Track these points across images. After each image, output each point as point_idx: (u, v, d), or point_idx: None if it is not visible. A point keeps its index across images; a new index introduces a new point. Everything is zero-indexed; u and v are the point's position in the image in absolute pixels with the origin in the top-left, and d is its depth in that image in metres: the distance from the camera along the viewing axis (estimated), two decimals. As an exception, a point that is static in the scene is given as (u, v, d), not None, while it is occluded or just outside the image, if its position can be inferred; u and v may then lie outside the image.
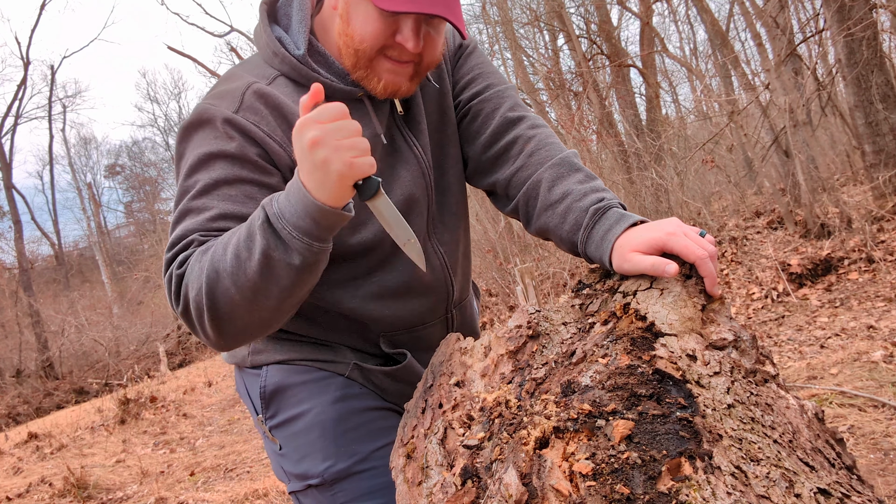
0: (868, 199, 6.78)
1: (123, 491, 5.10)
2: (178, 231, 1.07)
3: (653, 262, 1.00)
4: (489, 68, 1.36)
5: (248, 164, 1.09)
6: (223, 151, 1.09)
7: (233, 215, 1.06)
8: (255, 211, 0.98)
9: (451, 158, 1.33)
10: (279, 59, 1.17)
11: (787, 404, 0.90)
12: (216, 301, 0.98)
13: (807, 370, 3.78)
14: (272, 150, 1.11)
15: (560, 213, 1.17)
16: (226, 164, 1.09)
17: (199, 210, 1.07)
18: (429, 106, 1.29)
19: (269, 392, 1.27)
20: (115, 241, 34.73)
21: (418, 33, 1.08)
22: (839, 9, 6.27)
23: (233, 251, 0.96)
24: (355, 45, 1.10)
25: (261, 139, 1.10)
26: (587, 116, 11.50)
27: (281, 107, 1.13)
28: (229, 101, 1.12)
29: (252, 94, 1.13)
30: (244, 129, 1.10)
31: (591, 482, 0.71)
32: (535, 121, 1.30)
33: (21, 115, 23.96)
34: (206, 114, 1.11)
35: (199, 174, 1.09)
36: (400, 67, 1.12)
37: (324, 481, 1.22)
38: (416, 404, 1.05)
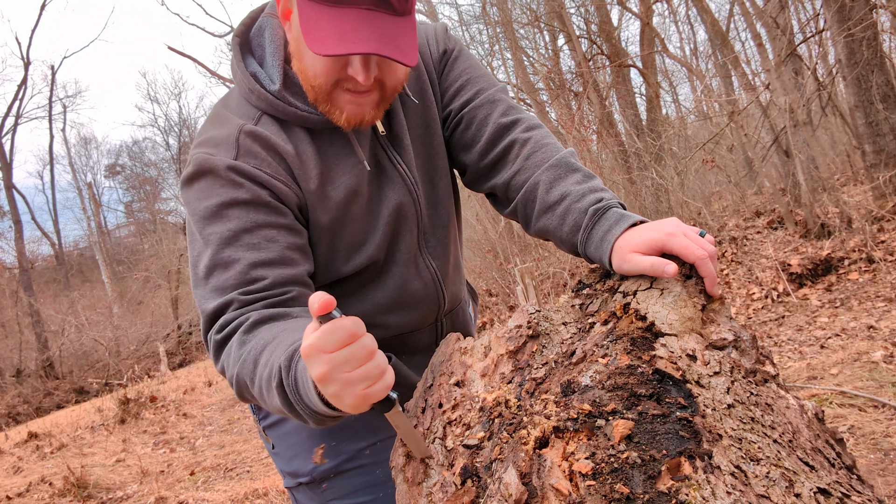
0: (868, 199, 6.78)
1: (123, 490, 5.10)
2: (211, 287, 1.07)
3: (652, 263, 1.00)
4: (477, 72, 1.34)
5: (262, 207, 1.09)
6: (235, 199, 1.08)
7: (261, 263, 1.06)
8: (280, 354, 0.92)
9: (440, 171, 1.33)
10: (256, 97, 1.15)
11: (787, 404, 0.90)
12: (244, 397, 1.04)
13: (807, 370, 3.78)
14: (280, 191, 1.11)
15: (559, 214, 1.17)
16: (240, 211, 1.08)
17: (226, 264, 1.06)
18: (412, 121, 1.28)
19: None
20: (116, 241, 34.73)
21: (368, 66, 1.05)
22: (839, 9, 6.27)
23: (258, 381, 0.96)
24: (311, 81, 1.09)
25: (267, 182, 1.10)
26: (587, 116, 11.50)
27: (275, 147, 1.13)
28: (226, 148, 1.11)
29: (246, 137, 1.12)
30: (249, 175, 1.09)
31: (590, 481, 0.71)
32: (529, 122, 1.29)
33: (21, 115, 23.98)
34: (206, 164, 1.10)
35: (216, 226, 1.08)
36: (360, 98, 1.09)
37: (313, 479, 1.26)
38: (416, 404, 1.05)
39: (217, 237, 1.08)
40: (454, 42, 1.35)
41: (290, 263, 1.09)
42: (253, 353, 0.98)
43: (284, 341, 0.95)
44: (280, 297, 1.06)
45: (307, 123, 1.16)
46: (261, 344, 0.98)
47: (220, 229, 1.08)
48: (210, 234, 1.09)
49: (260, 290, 1.05)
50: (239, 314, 1.03)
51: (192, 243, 1.14)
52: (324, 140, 1.18)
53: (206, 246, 1.09)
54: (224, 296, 1.05)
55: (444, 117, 1.33)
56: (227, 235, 1.07)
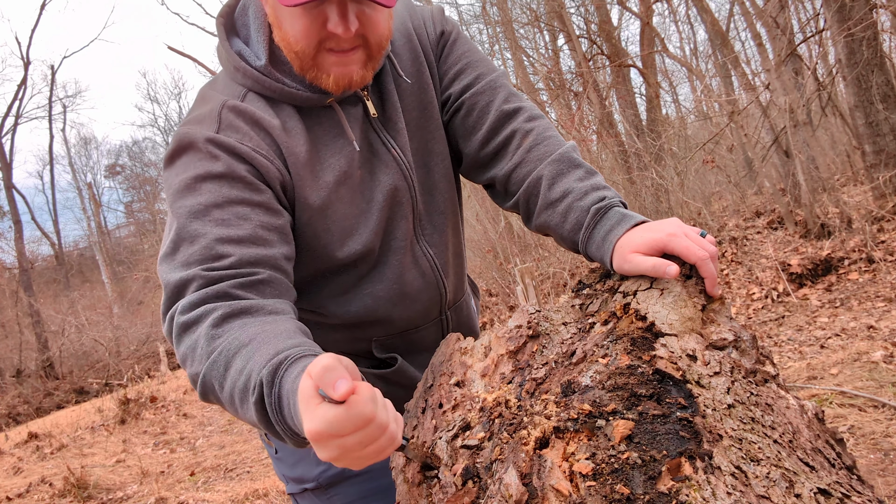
0: (868, 200, 6.78)
1: (123, 491, 5.10)
2: (176, 263, 1.02)
3: (653, 264, 1.00)
4: (476, 56, 1.31)
5: (237, 182, 1.05)
6: (209, 172, 1.05)
7: (227, 239, 1.01)
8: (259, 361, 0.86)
9: (436, 156, 1.29)
10: (241, 74, 1.13)
11: (787, 404, 0.90)
12: (207, 395, 0.96)
13: (807, 370, 3.78)
14: (260, 165, 1.07)
15: (561, 211, 1.16)
16: (213, 185, 1.04)
17: (192, 238, 1.02)
18: (406, 103, 1.24)
19: None
20: (116, 241, 34.74)
21: (346, 16, 1.02)
22: (839, 9, 6.27)
23: (229, 388, 0.89)
24: (293, 47, 1.06)
25: (247, 155, 1.07)
26: (587, 116, 11.50)
27: (259, 121, 1.10)
28: (208, 122, 1.09)
29: (228, 111, 1.09)
30: (228, 147, 1.06)
31: (591, 482, 0.71)
32: (531, 112, 1.27)
33: (21, 115, 23.97)
34: (186, 138, 1.07)
35: (187, 199, 1.04)
36: (345, 57, 1.06)
37: (319, 485, 1.24)
38: (416, 404, 1.05)
39: (186, 210, 1.03)
40: (451, 24, 1.32)
41: (261, 243, 1.04)
42: (224, 354, 0.91)
43: (262, 347, 0.89)
44: (247, 279, 0.99)
45: (295, 100, 1.13)
46: (234, 345, 0.91)
47: (191, 202, 1.04)
48: (180, 207, 1.04)
49: (224, 267, 0.99)
50: (206, 294, 0.97)
51: (167, 219, 1.10)
52: (313, 119, 1.15)
53: (175, 219, 1.04)
54: (187, 270, 0.99)
55: (444, 101, 1.30)
56: (196, 209, 1.03)
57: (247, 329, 0.93)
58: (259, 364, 0.85)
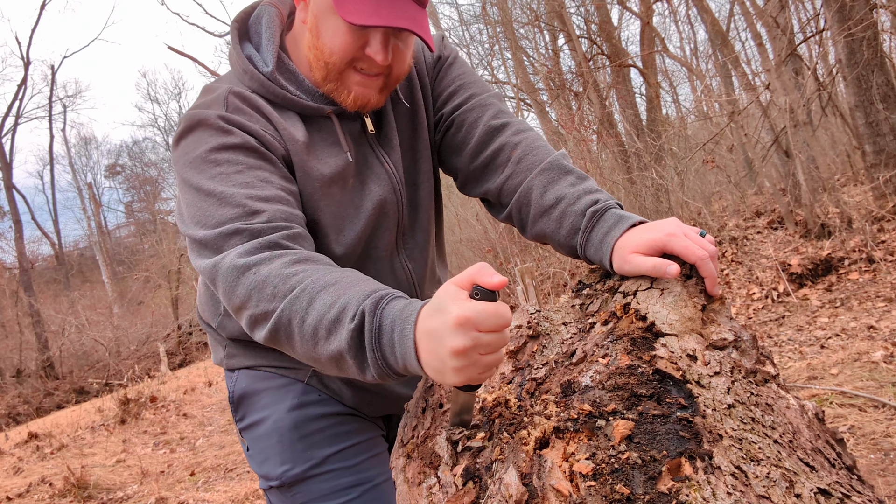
0: (868, 199, 6.78)
1: (124, 491, 5.10)
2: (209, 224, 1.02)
3: (654, 264, 1.00)
4: (471, 78, 1.36)
5: (252, 152, 1.09)
6: (225, 143, 1.08)
7: (258, 197, 1.03)
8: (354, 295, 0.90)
9: (423, 175, 1.34)
10: (248, 77, 1.17)
11: (787, 404, 0.90)
12: (277, 336, 0.96)
13: (807, 370, 3.78)
14: (268, 142, 1.11)
15: (556, 218, 1.17)
16: (231, 154, 1.07)
17: (220, 200, 1.03)
18: (401, 124, 1.30)
19: (237, 397, 1.34)
20: (116, 241, 34.75)
21: (387, 46, 1.09)
22: (839, 9, 6.27)
23: (314, 320, 0.91)
24: (325, 57, 1.11)
25: (255, 132, 1.11)
26: (587, 116, 11.50)
27: (261, 108, 1.14)
28: (216, 105, 1.13)
29: (234, 97, 1.14)
30: (239, 124, 1.10)
31: (591, 482, 0.71)
32: (519, 126, 1.30)
33: (21, 115, 23.99)
34: (196, 116, 1.10)
35: (206, 170, 1.06)
36: (369, 80, 1.13)
37: (282, 483, 1.28)
38: (417, 404, 1.05)
39: (207, 180, 1.05)
40: (449, 49, 1.38)
41: (286, 203, 1.06)
42: (308, 290, 0.92)
43: (355, 285, 0.92)
44: (289, 231, 1.01)
45: (296, 108, 1.18)
46: (318, 283, 0.92)
47: (211, 172, 1.05)
48: (200, 178, 1.05)
49: (263, 221, 1.01)
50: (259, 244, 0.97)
51: (182, 198, 1.10)
52: (314, 127, 1.20)
53: (196, 191, 1.05)
54: (226, 225, 1.00)
55: (437, 121, 1.35)
56: (218, 176, 1.05)
57: (325, 271, 0.95)
58: (358, 297, 0.89)
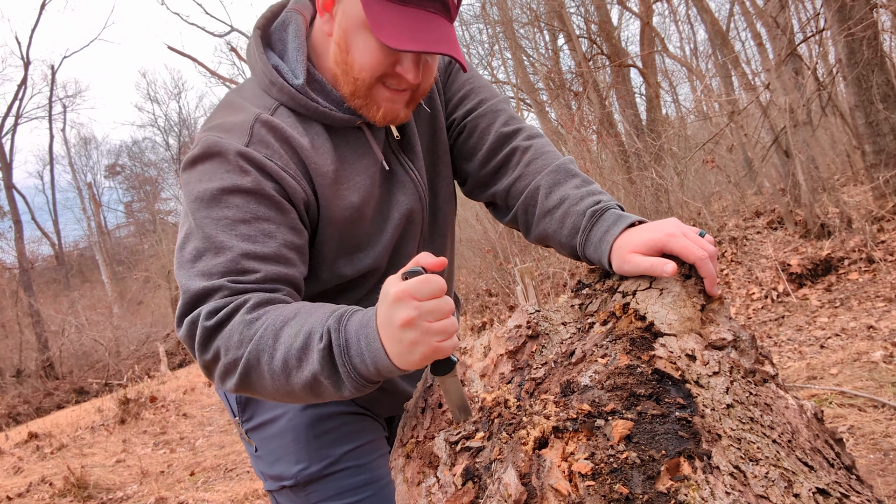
0: (868, 199, 6.78)
1: (123, 491, 5.10)
2: (198, 271, 1.01)
3: (651, 263, 1.00)
4: (480, 83, 1.37)
5: (264, 199, 1.05)
6: (238, 187, 1.04)
7: (254, 255, 1.02)
8: (317, 320, 0.93)
9: (443, 180, 1.34)
10: (277, 89, 1.14)
11: (786, 404, 0.90)
12: (249, 381, 0.97)
13: (806, 370, 3.78)
14: (288, 185, 1.08)
15: (558, 218, 1.19)
16: (241, 199, 1.04)
17: (217, 249, 1.01)
18: (421, 129, 1.29)
19: (244, 397, 1.31)
20: (116, 241, 34.75)
21: (418, 65, 1.08)
22: (839, 8, 6.27)
23: (282, 353, 0.92)
24: (354, 73, 1.09)
25: (276, 173, 1.07)
26: (587, 116, 11.50)
27: (290, 139, 1.10)
28: (238, 133, 1.08)
29: (261, 126, 1.09)
30: (258, 163, 1.06)
31: (590, 482, 0.71)
32: (530, 132, 1.32)
33: (21, 115, 23.98)
34: (216, 146, 1.06)
35: (213, 210, 1.04)
36: (397, 96, 1.12)
37: (297, 483, 1.26)
38: (416, 404, 1.05)
39: (212, 222, 1.03)
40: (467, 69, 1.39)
41: (284, 262, 1.05)
42: (271, 328, 0.93)
43: (316, 311, 0.94)
44: (270, 295, 1.01)
45: (327, 120, 1.15)
46: (280, 320, 0.94)
47: (217, 215, 1.03)
48: (204, 217, 1.04)
49: (251, 282, 1.01)
50: (232, 300, 0.98)
51: (182, 225, 1.08)
52: (340, 137, 1.18)
53: (198, 229, 1.04)
54: (212, 280, 0.99)
55: (448, 125, 1.35)
56: (223, 222, 1.03)
57: (285, 308, 0.97)
58: (320, 319, 0.93)
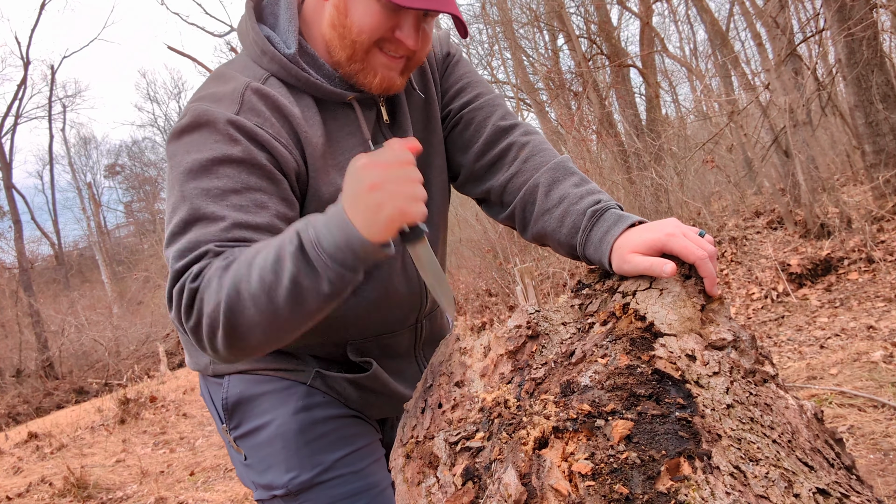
0: (868, 199, 6.78)
1: (123, 490, 5.10)
2: (187, 240, 0.99)
3: (651, 263, 1.00)
4: (476, 77, 1.37)
5: (255, 169, 1.03)
6: (228, 156, 1.02)
7: (246, 225, 1.00)
8: (285, 233, 0.93)
9: (435, 169, 1.32)
10: (268, 58, 1.12)
11: (786, 404, 0.90)
12: (234, 320, 0.93)
13: (806, 370, 3.78)
14: (279, 154, 1.06)
15: (557, 216, 1.18)
16: (232, 170, 1.02)
17: (208, 219, 0.99)
18: (414, 115, 1.28)
19: (231, 403, 1.26)
20: (115, 241, 34.75)
21: (418, 30, 1.08)
22: (839, 9, 6.28)
23: (258, 273, 0.91)
24: (353, 36, 1.07)
25: (267, 142, 1.05)
26: (587, 116, 11.50)
27: (281, 108, 1.09)
28: (228, 102, 1.06)
29: (252, 94, 1.07)
30: (249, 132, 1.04)
31: (590, 482, 0.71)
32: (527, 128, 1.31)
33: (21, 115, 23.98)
34: (204, 115, 1.04)
35: (202, 180, 1.01)
36: (393, 62, 1.10)
37: (288, 492, 1.22)
38: (416, 404, 1.05)
39: (201, 192, 1.00)
40: (455, 48, 1.38)
41: (276, 233, 1.01)
42: (244, 261, 0.92)
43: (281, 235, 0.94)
44: None
45: (317, 92, 1.13)
46: (251, 252, 0.93)
47: (207, 185, 1.01)
48: (194, 188, 1.01)
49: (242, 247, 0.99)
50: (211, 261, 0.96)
51: (169, 198, 1.05)
52: (329, 113, 1.16)
53: (187, 200, 1.01)
54: (202, 247, 0.97)
55: (444, 116, 1.34)
56: (213, 192, 1.00)
57: (256, 244, 0.97)
58: (289, 231, 0.94)
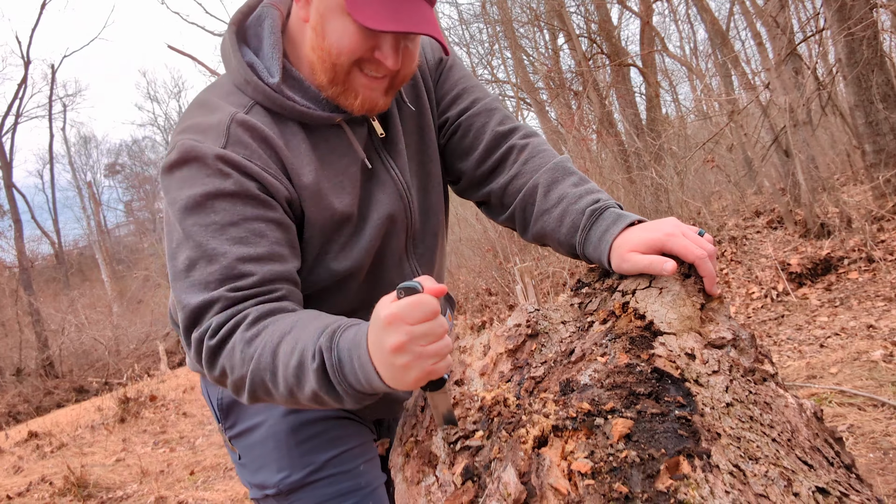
0: (868, 199, 6.78)
1: (123, 490, 5.10)
2: (193, 283, 1.01)
3: (650, 261, 1.00)
4: (472, 82, 1.36)
5: (249, 200, 1.04)
6: (221, 191, 1.02)
7: (249, 258, 1.01)
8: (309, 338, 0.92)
9: (434, 178, 1.32)
10: (252, 88, 1.11)
11: (785, 403, 0.90)
12: (258, 395, 0.98)
13: (806, 369, 3.78)
14: (269, 184, 1.06)
15: (557, 216, 1.18)
16: (226, 203, 1.03)
17: (210, 258, 1.00)
18: (407, 127, 1.27)
19: (226, 403, 1.29)
20: (115, 240, 34.74)
21: (398, 50, 1.05)
22: (839, 8, 6.27)
23: (282, 372, 0.93)
24: (332, 59, 1.06)
25: (256, 174, 1.05)
26: (587, 116, 11.50)
27: (267, 139, 1.08)
28: (215, 135, 1.05)
29: (237, 126, 1.07)
30: (238, 165, 1.04)
31: (589, 481, 0.71)
32: (526, 130, 1.31)
33: (21, 114, 23.95)
34: (193, 151, 1.04)
35: (200, 216, 1.02)
36: (375, 83, 1.09)
37: (280, 491, 1.23)
38: (416, 403, 1.05)
39: (200, 229, 1.01)
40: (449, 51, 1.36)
41: (278, 259, 1.04)
42: (269, 346, 0.94)
43: (308, 326, 0.94)
44: (270, 296, 1.01)
45: (304, 118, 1.13)
46: (276, 336, 0.94)
47: (205, 221, 1.02)
48: (192, 225, 1.02)
49: (248, 286, 1.00)
50: (233, 314, 0.98)
51: (169, 234, 1.07)
52: (319, 137, 1.15)
53: (188, 238, 1.02)
54: (209, 292, 0.99)
55: (441, 124, 1.34)
56: (211, 227, 1.01)
57: (283, 322, 0.97)
58: (312, 337, 0.92)
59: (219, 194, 1.02)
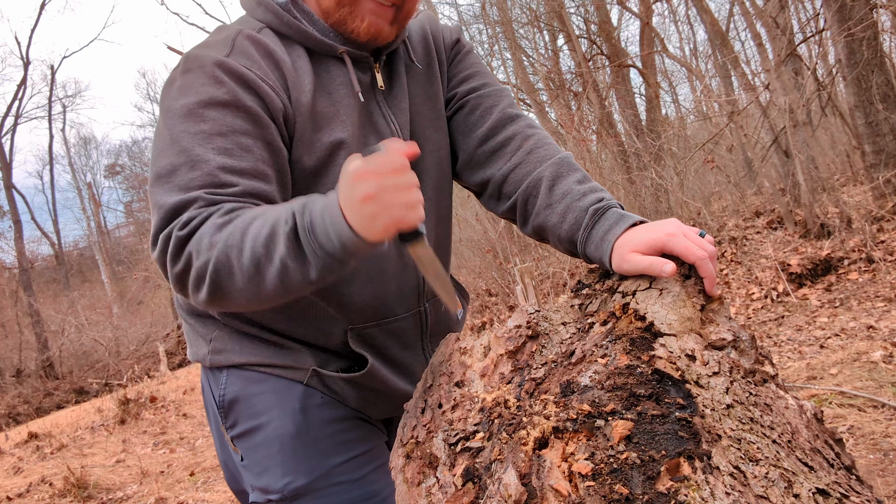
0: (868, 200, 6.78)
1: (123, 491, 5.10)
2: (174, 184, 0.99)
3: (651, 262, 1.00)
4: (486, 69, 1.38)
5: (241, 112, 1.04)
6: (213, 99, 1.03)
7: (231, 168, 1.00)
8: (283, 208, 0.93)
9: (431, 143, 1.29)
10: (263, 8, 1.15)
11: (786, 404, 0.90)
12: (221, 281, 0.94)
13: (806, 370, 3.78)
14: (265, 95, 1.06)
15: (559, 212, 1.17)
16: (217, 113, 1.02)
17: (193, 163, 0.99)
18: (413, 88, 1.27)
19: (227, 401, 1.23)
20: (115, 241, 34.75)
21: None
22: (839, 9, 6.28)
23: (251, 244, 0.91)
24: None
25: (253, 82, 1.05)
26: (587, 116, 11.50)
27: (272, 53, 1.10)
28: (220, 46, 1.08)
29: (244, 39, 1.09)
30: (236, 73, 1.04)
31: (590, 482, 0.71)
32: (532, 121, 1.32)
33: (21, 115, 23.99)
34: (194, 60, 1.05)
35: (188, 124, 1.02)
36: (382, 10, 1.12)
37: (284, 497, 1.17)
38: (416, 404, 1.05)
39: (188, 136, 1.01)
40: (466, 40, 1.40)
41: (262, 178, 1.03)
42: (239, 227, 0.92)
43: (282, 206, 0.93)
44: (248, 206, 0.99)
45: (309, 42, 1.14)
46: (248, 218, 0.93)
47: (193, 129, 1.01)
48: (181, 132, 1.01)
49: (229, 195, 0.98)
50: (206, 210, 0.96)
51: (156, 143, 1.06)
52: (321, 66, 1.16)
53: (174, 143, 1.01)
54: (188, 193, 0.97)
55: (449, 98, 1.34)
56: (199, 136, 1.01)
57: (255, 209, 0.96)
58: (286, 209, 0.92)
59: (210, 103, 1.03)
